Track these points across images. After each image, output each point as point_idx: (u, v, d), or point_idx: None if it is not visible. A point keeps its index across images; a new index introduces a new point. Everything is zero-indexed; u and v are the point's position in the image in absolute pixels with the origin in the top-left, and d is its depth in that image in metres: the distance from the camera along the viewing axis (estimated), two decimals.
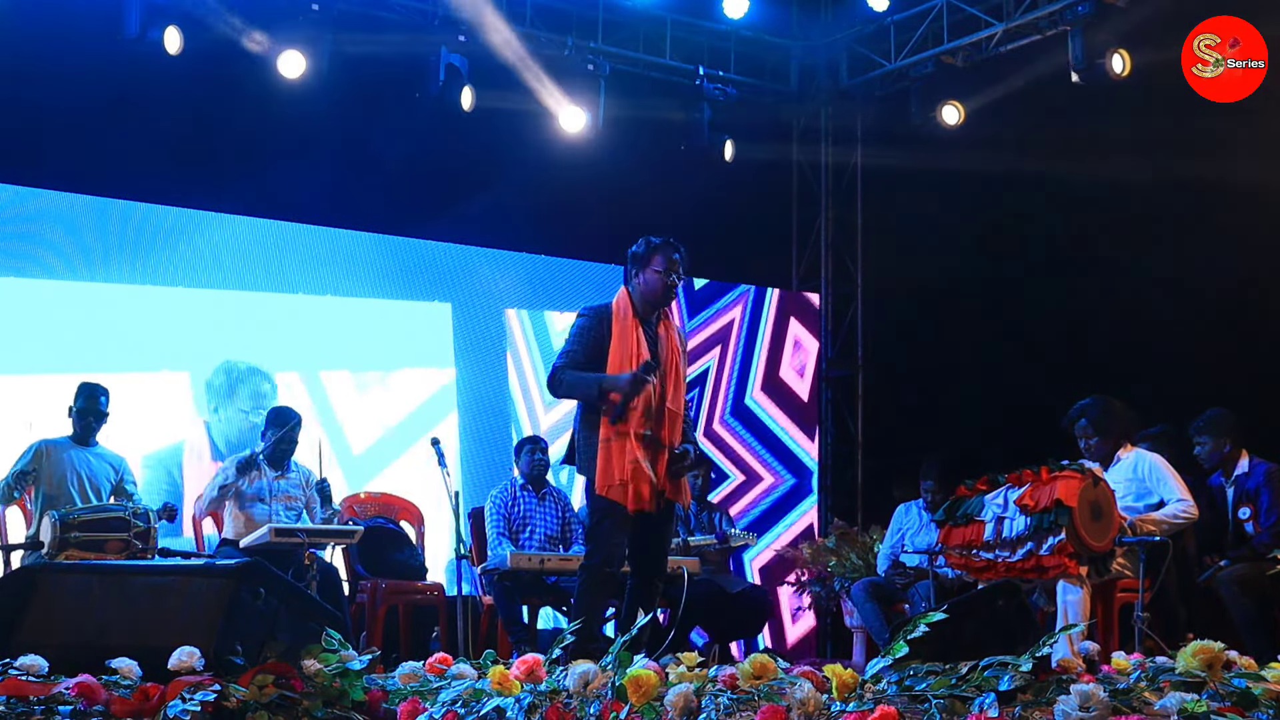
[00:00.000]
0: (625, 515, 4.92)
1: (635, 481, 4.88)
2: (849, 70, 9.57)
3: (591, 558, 5.03)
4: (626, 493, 4.88)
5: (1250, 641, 5.47)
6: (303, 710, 2.99)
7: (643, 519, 4.95)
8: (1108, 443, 5.70)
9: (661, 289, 4.97)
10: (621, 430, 4.87)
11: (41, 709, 2.80)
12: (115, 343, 7.56)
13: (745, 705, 2.79)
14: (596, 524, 5.00)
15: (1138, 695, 2.85)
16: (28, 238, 7.43)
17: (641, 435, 4.89)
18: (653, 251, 4.99)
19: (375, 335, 8.39)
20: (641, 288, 5.01)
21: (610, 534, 4.95)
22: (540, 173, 8.49)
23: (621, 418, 4.86)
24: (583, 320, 5.01)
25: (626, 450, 4.88)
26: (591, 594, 4.96)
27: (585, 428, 5.00)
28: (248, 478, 6.53)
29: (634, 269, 5.03)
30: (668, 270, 4.96)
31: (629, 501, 4.89)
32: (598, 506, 4.99)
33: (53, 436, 6.30)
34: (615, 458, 4.87)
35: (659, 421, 4.95)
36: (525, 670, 3.00)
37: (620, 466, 4.87)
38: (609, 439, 4.88)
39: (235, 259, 7.97)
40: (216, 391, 7.84)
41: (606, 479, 4.88)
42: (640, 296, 5.01)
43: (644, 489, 4.89)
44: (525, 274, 8.97)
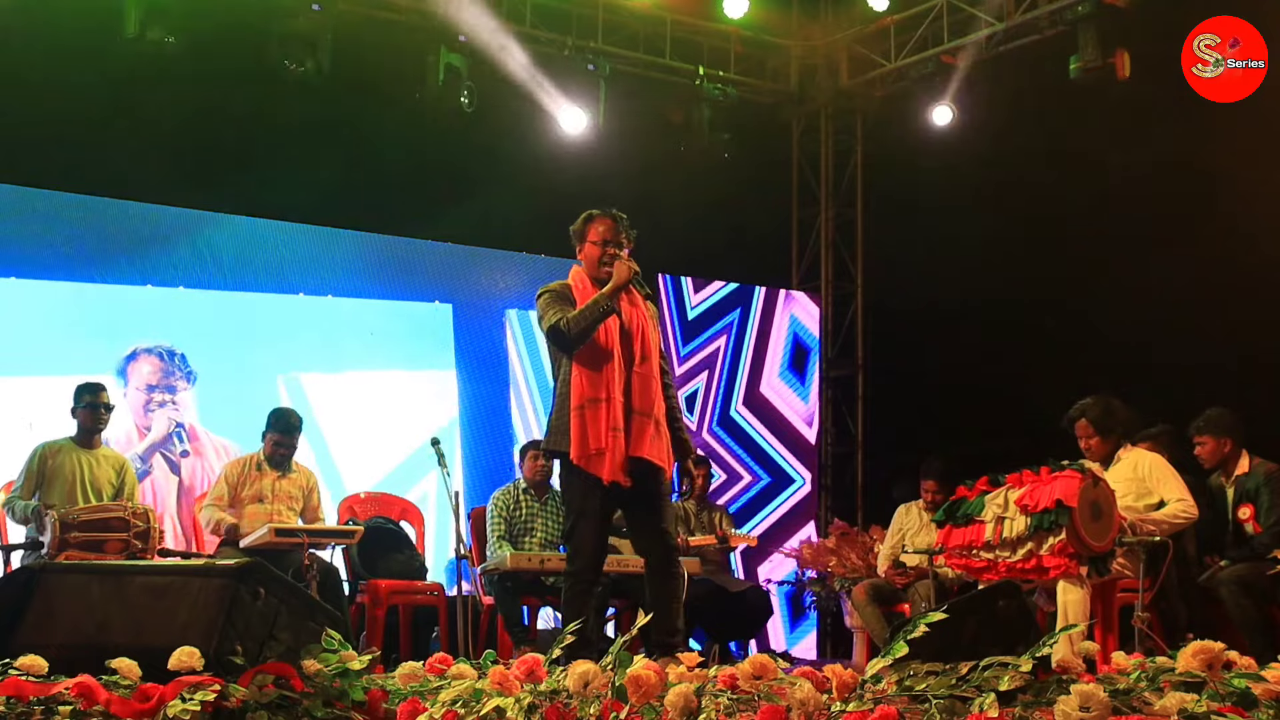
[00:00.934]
0: (602, 494, 4.73)
1: (613, 450, 4.69)
2: (849, 70, 9.57)
3: (573, 562, 4.86)
4: (604, 462, 4.68)
5: (1250, 641, 5.48)
6: (303, 710, 2.98)
7: (626, 493, 4.75)
8: (1108, 443, 5.70)
9: (599, 256, 4.89)
10: (595, 397, 4.72)
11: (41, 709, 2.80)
12: (115, 344, 7.57)
13: (745, 705, 2.79)
14: (574, 523, 4.84)
15: (1138, 695, 2.85)
16: (28, 238, 7.43)
17: (619, 403, 4.72)
18: (586, 224, 4.99)
19: (376, 336, 8.40)
20: (587, 261, 4.97)
21: (589, 534, 4.79)
22: (540, 173, 8.49)
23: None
24: (548, 294, 4.90)
25: (603, 417, 4.71)
26: (576, 603, 4.76)
27: (558, 400, 4.86)
28: (249, 479, 6.55)
29: (578, 245, 5.01)
30: (603, 239, 4.91)
31: (605, 472, 4.68)
32: (573, 484, 4.81)
33: (54, 439, 6.30)
34: (591, 425, 4.70)
35: (633, 387, 4.79)
36: (525, 670, 3.00)
37: (596, 433, 4.70)
38: (582, 406, 4.72)
39: (235, 259, 7.97)
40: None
41: (582, 448, 4.69)
42: (590, 270, 4.94)
43: (620, 458, 4.69)
44: (525, 274, 8.97)
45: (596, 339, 4.76)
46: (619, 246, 4.92)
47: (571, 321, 4.73)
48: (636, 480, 4.75)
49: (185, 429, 7.82)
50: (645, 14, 8.73)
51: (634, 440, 4.74)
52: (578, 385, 4.74)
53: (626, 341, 4.84)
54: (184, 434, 7.81)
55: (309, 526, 6.40)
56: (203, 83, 7.47)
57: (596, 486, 4.71)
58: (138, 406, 7.71)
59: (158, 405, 7.76)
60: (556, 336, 4.79)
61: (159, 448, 7.73)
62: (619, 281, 4.79)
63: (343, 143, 8.02)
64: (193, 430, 7.84)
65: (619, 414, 4.73)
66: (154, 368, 7.78)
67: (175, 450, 7.75)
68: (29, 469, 6.16)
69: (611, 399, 4.72)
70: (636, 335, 4.86)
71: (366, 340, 8.35)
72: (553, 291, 4.91)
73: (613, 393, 4.73)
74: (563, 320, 4.75)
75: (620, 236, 4.94)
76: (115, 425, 7.05)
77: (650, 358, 4.87)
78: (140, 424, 7.71)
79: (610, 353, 4.78)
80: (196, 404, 7.86)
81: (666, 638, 4.71)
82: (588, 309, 4.74)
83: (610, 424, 4.70)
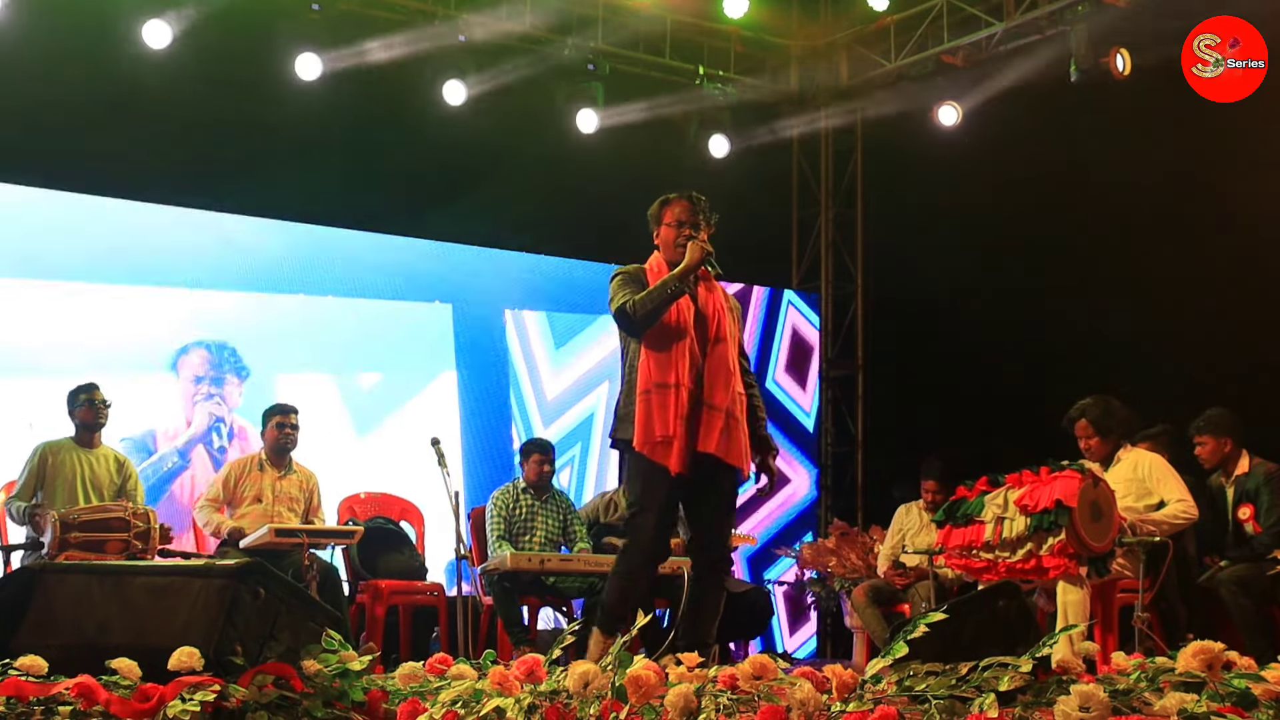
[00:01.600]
0: (668, 484, 4.47)
1: (682, 439, 4.44)
2: (849, 70, 9.57)
3: (627, 556, 4.61)
4: (670, 451, 4.43)
5: (1250, 641, 5.48)
6: (303, 710, 2.98)
7: (693, 489, 4.52)
8: (1108, 443, 5.70)
9: (675, 239, 4.66)
10: (663, 382, 4.47)
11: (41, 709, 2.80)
12: (116, 345, 7.57)
13: (745, 705, 2.78)
14: (634, 515, 4.56)
15: (1138, 695, 2.85)
16: (28, 238, 7.43)
17: (687, 390, 4.48)
18: (662, 207, 4.77)
19: (376, 336, 8.40)
20: (663, 245, 4.74)
21: (648, 528, 4.51)
22: (541, 173, 8.49)
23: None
24: (621, 276, 4.68)
25: (670, 403, 4.46)
26: (628, 600, 4.49)
27: (625, 386, 4.62)
28: (249, 479, 6.55)
29: (654, 229, 4.79)
30: (678, 221, 4.69)
31: (673, 462, 4.43)
32: (637, 473, 4.55)
33: (55, 439, 6.30)
34: (658, 411, 4.45)
35: (705, 378, 4.54)
36: (525, 670, 3.00)
37: (663, 421, 4.44)
38: (649, 391, 4.48)
39: (235, 260, 7.97)
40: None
41: (647, 435, 4.44)
42: (667, 254, 4.71)
43: (689, 449, 4.44)
44: (525, 274, 8.98)
45: (667, 321, 4.54)
46: (695, 228, 4.67)
47: (638, 303, 4.51)
48: (704, 478, 4.52)
49: (227, 423, 7.82)
50: (645, 14, 8.73)
51: (701, 434, 4.49)
52: (645, 370, 4.53)
53: (700, 326, 4.60)
54: (225, 428, 7.81)
55: (309, 527, 6.40)
56: (203, 82, 7.47)
57: (662, 477, 4.47)
58: (185, 399, 7.75)
59: (203, 398, 7.79)
60: (623, 318, 4.58)
61: (199, 441, 7.74)
62: (691, 263, 4.55)
63: (344, 143, 8.02)
64: (241, 429, 7.84)
65: (687, 402, 4.50)
66: (202, 360, 7.83)
67: (216, 444, 7.74)
68: (30, 469, 6.16)
69: (681, 385, 4.49)
70: (711, 321, 4.62)
71: (367, 341, 8.35)
72: (626, 274, 4.70)
73: (682, 378, 4.50)
74: (629, 302, 4.53)
75: (697, 218, 4.70)
76: (165, 418, 7.07)
77: (725, 344, 4.62)
78: (187, 417, 7.74)
79: (681, 336, 4.55)
80: (244, 399, 7.89)
81: (699, 649, 4.43)
82: (655, 290, 4.52)
83: (679, 411, 4.47)
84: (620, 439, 4.64)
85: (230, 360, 7.92)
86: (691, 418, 4.48)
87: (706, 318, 4.62)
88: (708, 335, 4.59)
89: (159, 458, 7.67)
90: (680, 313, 4.56)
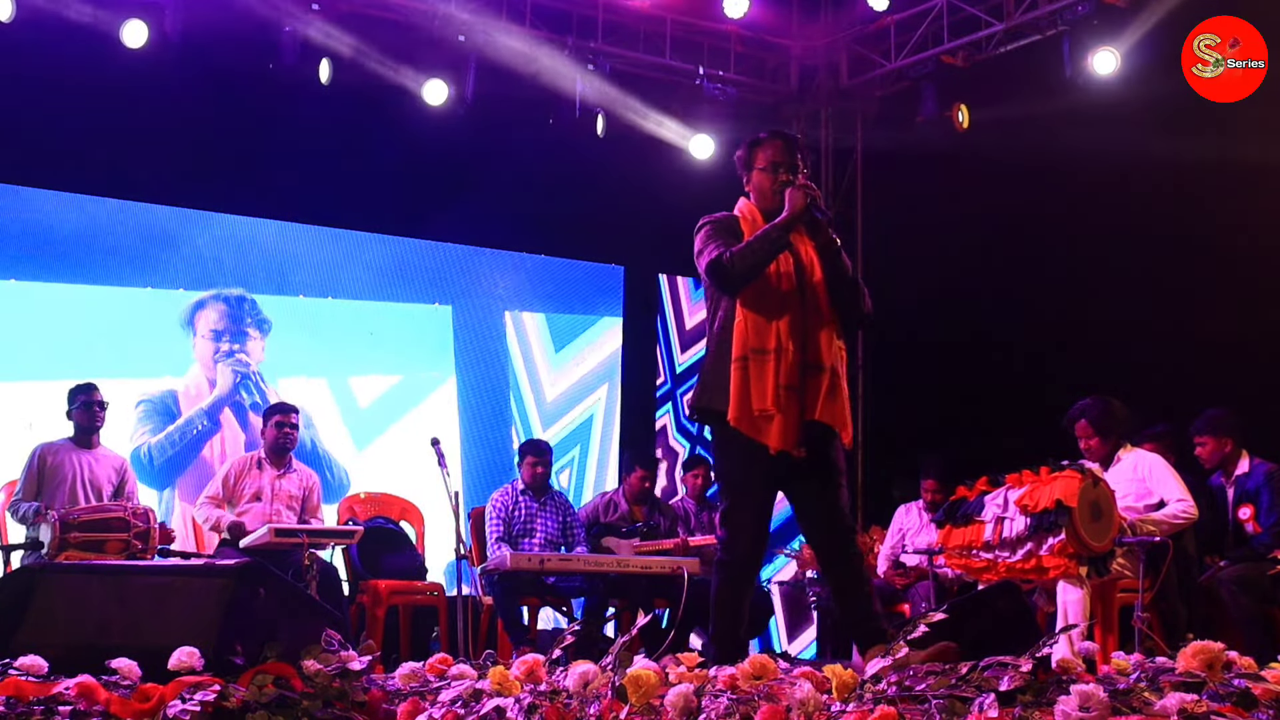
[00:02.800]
0: (768, 466, 4.01)
1: (785, 412, 3.96)
2: (849, 70, 9.57)
3: (727, 550, 4.12)
4: (771, 426, 3.96)
5: (1250, 641, 5.47)
6: (303, 710, 2.98)
7: (796, 466, 4.03)
8: (1108, 443, 5.70)
9: (770, 184, 4.19)
10: (761, 347, 4.00)
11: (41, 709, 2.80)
12: (116, 347, 7.57)
13: (745, 706, 2.78)
14: (731, 502, 4.10)
15: (1138, 695, 2.85)
16: (28, 239, 7.43)
17: (790, 355, 4.00)
18: (752, 149, 4.28)
19: (376, 337, 8.40)
20: (755, 192, 4.27)
21: (749, 516, 4.07)
22: (540, 173, 8.49)
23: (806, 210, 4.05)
24: (709, 225, 4.21)
25: (770, 371, 3.98)
26: (732, 600, 4.08)
27: (715, 349, 4.15)
28: (248, 478, 6.55)
29: (744, 176, 4.32)
30: (772, 163, 4.21)
31: (773, 438, 3.96)
32: (730, 453, 4.09)
33: (52, 440, 6.30)
34: (755, 381, 3.97)
35: (807, 338, 4.06)
36: (525, 670, 3.00)
37: (762, 391, 3.96)
38: (745, 358, 4.00)
39: (235, 260, 7.97)
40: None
41: (743, 408, 3.96)
42: (760, 202, 4.24)
43: (794, 421, 3.97)
44: (526, 275, 8.98)
45: (767, 277, 4.06)
46: (792, 171, 4.18)
47: (737, 256, 4.03)
48: (810, 450, 4.03)
49: (255, 378, 7.73)
50: (645, 14, 8.73)
51: (807, 400, 4.01)
52: (741, 333, 4.03)
53: (800, 279, 4.11)
54: (253, 385, 7.71)
55: (309, 527, 6.40)
56: (203, 83, 7.47)
57: (761, 456, 3.98)
58: (205, 358, 7.65)
59: (224, 355, 7.68)
60: (717, 273, 4.06)
61: (226, 402, 7.65)
62: (794, 210, 4.06)
63: (343, 143, 8.02)
64: (272, 389, 7.81)
65: (792, 368, 4.00)
66: (220, 314, 7.72)
67: (246, 401, 7.64)
68: (29, 470, 6.16)
69: (784, 349, 4.00)
70: (810, 272, 4.14)
71: (366, 341, 8.35)
72: (715, 223, 4.22)
73: (784, 342, 4.01)
74: (726, 254, 4.05)
75: (794, 159, 4.22)
76: (187, 378, 7.03)
77: (823, 295, 4.14)
78: (209, 377, 7.62)
79: (782, 293, 4.07)
80: (267, 354, 7.81)
81: (871, 623, 4.03)
82: (756, 242, 4.04)
83: (781, 379, 3.98)
84: (709, 409, 4.13)
85: (251, 312, 7.83)
86: (796, 386, 4.00)
87: (805, 268, 4.14)
88: (808, 288, 4.11)
89: (185, 421, 7.61)
90: (779, 266, 4.09)
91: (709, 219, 4.24)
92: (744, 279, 4.04)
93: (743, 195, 4.32)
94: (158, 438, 7.64)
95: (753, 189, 4.28)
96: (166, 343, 7.73)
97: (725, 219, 4.23)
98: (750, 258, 4.04)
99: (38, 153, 7.33)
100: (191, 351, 7.65)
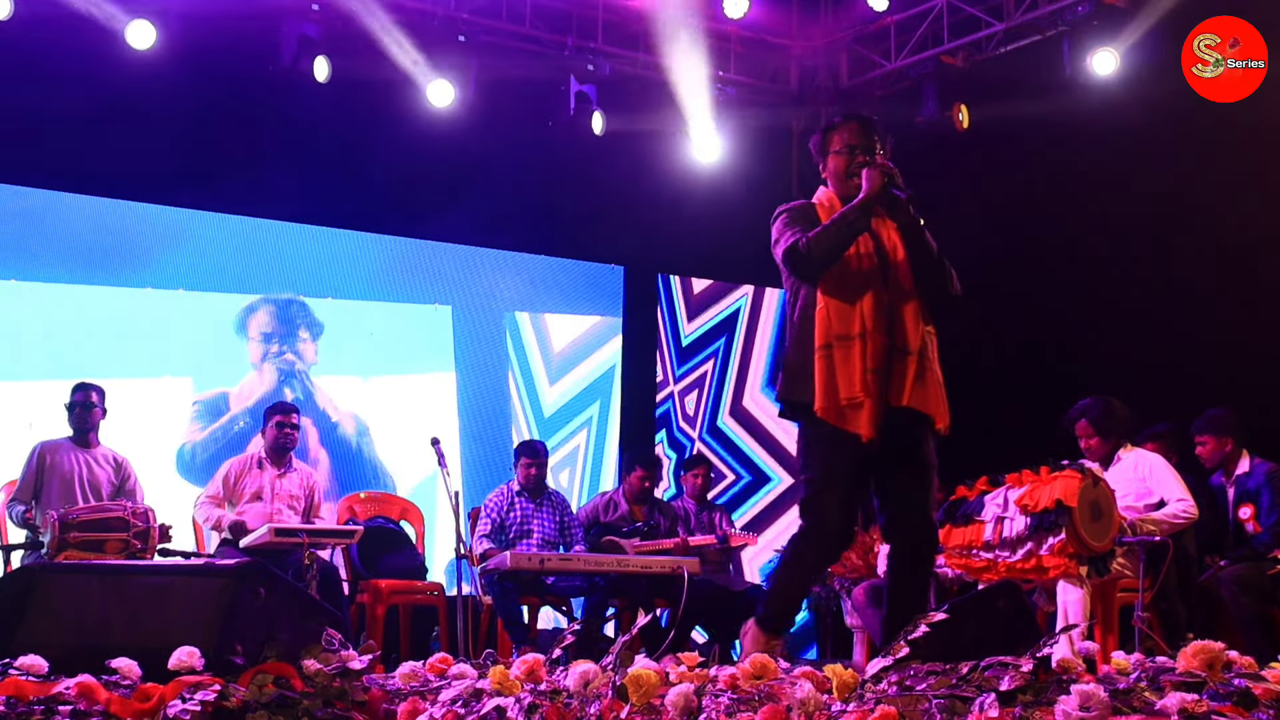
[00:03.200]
0: (858, 456, 3.85)
1: (873, 399, 3.81)
2: (849, 70, 9.57)
3: (803, 538, 3.95)
4: (860, 414, 3.81)
5: (1250, 641, 5.48)
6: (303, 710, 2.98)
7: (886, 454, 3.89)
8: (1108, 442, 5.71)
9: (846, 167, 4.05)
10: (845, 333, 3.85)
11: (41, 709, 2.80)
12: (116, 347, 7.57)
13: (745, 705, 2.78)
14: (816, 493, 3.92)
15: (1138, 695, 2.85)
16: (28, 239, 7.43)
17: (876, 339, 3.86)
18: (827, 134, 4.15)
19: (376, 337, 8.40)
20: (832, 177, 4.13)
21: (835, 508, 3.90)
22: (540, 173, 8.49)
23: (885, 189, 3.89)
24: (786, 213, 4.10)
25: (857, 358, 3.84)
26: (799, 595, 4.00)
27: (797, 337, 3.99)
28: (249, 477, 6.56)
29: (820, 162, 4.20)
30: (848, 145, 4.07)
31: (864, 426, 3.80)
32: (817, 443, 3.92)
33: (52, 438, 6.31)
34: (841, 368, 3.83)
35: (893, 321, 3.92)
36: (525, 670, 3.00)
37: (849, 379, 3.82)
38: (829, 345, 3.86)
39: (235, 260, 7.97)
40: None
41: (830, 397, 3.82)
42: (837, 187, 4.11)
43: (882, 408, 3.83)
44: (525, 276, 8.98)
45: (847, 261, 3.94)
46: (870, 153, 4.04)
47: (813, 241, 3.91)
48: (899, 437, 3.90)
49: (302, 377, 7.80)
50: (645, 14, 8.73)
51: (894, 385, 3.88)
52: (824, 319, 3.90)
53: (883, 263, 3.98)
54: (299, 383, 7.79)
55: (309, 526, 6.40)
56: (203, 82, 7.47)
57: (851, 446, 3.83)
58: (256, 360, 7.74)
59: (273, 356, 7.75)
60: (794, 260, 3.96)
61: (270, 400, 7.67)
62: (871, 190, 3.91)
63: (343, 143, 8.02)
64: (319, 386, 7.86)
65: (879, 352, 3.87)
66: (269, 316, 7.80)
67: (289, 399, 7.63)
68: (27, 469, 6.17)
69: (869, 334, 3.87)
70: (892, 252, 4.02)
71: (366, 341, 8.35)
72: (792, 211, 4.11)
73: (869, 325, 3.87)
74: (802, 239, 3.93)
75: (871, 140, 4.07)
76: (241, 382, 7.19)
77: (907, 275, 4.01)
78: (260, 379, 7.74)
79: (864, 276, 3.94)
80: (320, 357, 7.89)
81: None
82: (833, 225, 3.92)
83: (869, 365, 3.84)
84: (794, 400, 3.97)
85: (301, 315, 7.89)
86: (882, 370, 3.86)
87: (886, 250, 4.01)
88: (890, 270, 3.98)
89: (229, 419, 7.67)
90: (859, 248, 3.97)
91: (786, 207, 4.14)
92: (822, 264, 3.92)
93: (820, 184, 4.19)
94: (201, 435, 7.68)
95: (829, 175, 4.16)
96: (167, 342, 7.74)
97: (802, 206, 4.13)
98: (827, 241, 3.91)
99: (38, 153, 7.32)
100: (246, 356, 7.84)
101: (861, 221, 3.94)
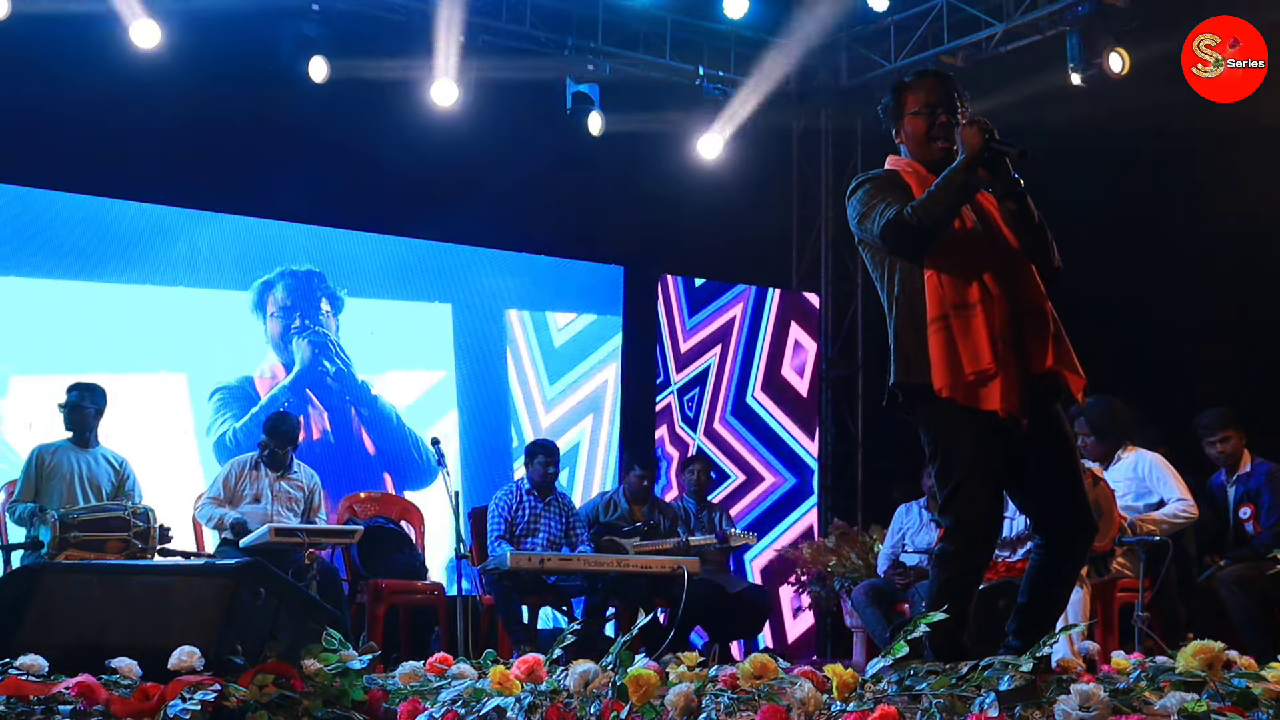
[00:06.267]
0: (996, 436, 3.36)
1: (1007, 368, 3.34)
2: (849, 70, 9.57)
3: (954, 539, 3.40)
4: (991, 390, 3.32)
5: (1250, 641, 5.48)
6: (303, 710, 2.99)
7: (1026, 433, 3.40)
8: (1108, 442, 5.71)
9: (927, 128, 3.64)
10: (962, 301, 3.39)
11: (41, 709, 2.80)
12: (113, 343, 7.57)
13: (745, 705, 2.79)
14: (957, 485, 3.37)
15: (1138, 695, 2.85)
16: (27, 238, 7.43)
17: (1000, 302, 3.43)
18: (900, 94, 3.74)
19: (375, 336, 8.40)
20: (910, 141, 3.71)
21: (982, 498, 3.37)
22: (541, 173, 8.49)
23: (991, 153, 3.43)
24: (870, 183, 3.64)
25: (980, 325, 3.37)
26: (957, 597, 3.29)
27: (905, 317, 3.54)
28: (248, 479, 6.56)
29: (893, 127, 3.79)
30: (926, 104, 3.65)
31: (999, 400, 3.31)
32: (946, 429, 3.43)
33: (50, 441, 6.29)
34: (963, 338, 3.37)
35: (1012, 279, 3.50)
36: (525, 670, 3.00)
37: (975, 349, 3.35)
38: (944, 316, 3.40)
39: (235, 259, 7.97)
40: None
41: (954, 374, 3.35)
42: (917, 152, 3.68)
43: (1018, 377, 3.37)
44: (525, 274, 8.97)
45: (953, 227, 3.50)
46: (951, 111, 3.63)
47: (920, 209, 3.43)
48: (1038, 411, 3.44)
49: (334, 347, 7.72)
50: (645, 14, 8.73)
51: (1033, 349, 3.45)
52: (934, 291, 3.44)
53: (985, 226, 3.59)
54: (334, 353, 7.68)
55: (309, 527, 6.40)
56: (202, 82, 7.46)
57: (986, 426, 3.35)
58: (277, 336, 7.65)
59: (299, 330, 7.65)
60: (899, 231, 3.45)
61: (308, 375, 7.57)
62: (974, 149, 3.42)
63: (343, 143, 8.01)
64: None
65: (1004, 316, 3.43)
66: (289, 290, 7.71)
67: (330, 370, 7.52)
68: (27, 471, 6.16)
69: (992, 297, 3.42)
70: (995, 220, 3.63)
71: (366, 340, 8.35)
72: (875, 180, 3.64)
73: (990, 288, 3.43)
74: (905, 208, 3.45)
75: (952, 97, 3.65)
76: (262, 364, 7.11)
77: (1010, 234, 3.63)
78: (283, 359, 7.62)
79: (973, 237, 3.53)
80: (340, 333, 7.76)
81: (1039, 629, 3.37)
82: (939, 190, 3.44)
83: (996, 332, 3.39)
84: (910, 384, 3.50)
85: (321, 287, 7.83)
86: (1011, 339, 3.42)
87: (987, 214, 3.61)
88: (995, 234, 3.58)
89: (269, 399, 7.62)
90: (962, 215, 3.55)
91: (866, 176, 3.67)
92: (931, 234, 3.44)
93: (891, 153, 3.79)
94: (241, 421, 7.65)
95: (906, 139, 3.72)
96: (166, 340, 7.73)
97: (887, 174, 3.67)
98: (935, 209, 3.43)
99: (38, 153, 7.32)
100: (264, 335, 7.66)
101: (972, 182, 3.48)
